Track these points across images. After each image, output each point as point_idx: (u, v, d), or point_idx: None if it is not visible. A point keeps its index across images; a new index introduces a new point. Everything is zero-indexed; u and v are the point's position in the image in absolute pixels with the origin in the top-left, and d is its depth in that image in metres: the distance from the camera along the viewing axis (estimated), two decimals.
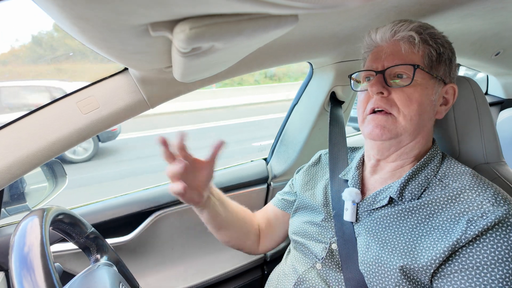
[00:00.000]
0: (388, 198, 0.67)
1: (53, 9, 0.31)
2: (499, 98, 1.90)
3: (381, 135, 0.66)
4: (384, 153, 0.71)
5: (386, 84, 0.66)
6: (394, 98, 0.65)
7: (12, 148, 0.71)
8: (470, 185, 0.61)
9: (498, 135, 0.82)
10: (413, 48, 0.65)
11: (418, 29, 0.65)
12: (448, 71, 0.69)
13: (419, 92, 0.65)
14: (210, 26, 0.34)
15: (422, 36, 0.65)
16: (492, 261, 0.53)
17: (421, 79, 0.65)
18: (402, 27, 0.66)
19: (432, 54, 0.66)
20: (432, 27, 0.68)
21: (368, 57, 0.73)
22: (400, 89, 0.65)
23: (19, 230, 0.51)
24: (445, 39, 0.69)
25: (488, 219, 0.55)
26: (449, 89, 0.70)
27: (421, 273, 0.57)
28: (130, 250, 1.10)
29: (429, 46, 0.66)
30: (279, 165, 1.32)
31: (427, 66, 0.66)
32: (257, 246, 0.96)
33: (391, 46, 0.68)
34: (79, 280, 0.62)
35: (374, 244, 0.65)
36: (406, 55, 0.66)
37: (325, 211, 0.79)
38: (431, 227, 0.60)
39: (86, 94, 0.77)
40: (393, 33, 0.67)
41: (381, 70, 0.67)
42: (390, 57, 0.67)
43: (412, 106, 0.64)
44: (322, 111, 1.20)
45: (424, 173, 0.67)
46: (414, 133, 0.67)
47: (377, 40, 0.69)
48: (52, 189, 1.08)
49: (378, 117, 0.66)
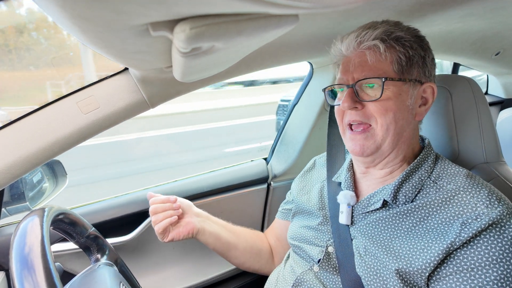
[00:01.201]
0: (382, 201, 0.67)
1: (53, 9, 0.31)
2: (499, 98, 1.90)
3: (362, 153, 0.68)
4: (369, 164, 0.72)
5: (357, 98, 0.66)
6: (369, 109, 0.65)
7: (12, 148, 0.71)
8: (464, 187, 0.61)
9: (497, 134, 0.82)
10: (379, 56, 0.64)
11: (382, 36, 0.64)
12: (423, 71, 0.67)
13: (393, 100, 0.64)
14: (210, 26, 0.34)
15: (387, 44, 0.64)
16: (486, 263, 0.53)
17: (393, 86, 0.64)
18: (366, 36, 0.64)
19: (401, 59, 0.64)
20: (399, 29, 0.65)
21: (339, 68, 0.72)
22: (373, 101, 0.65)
23: (19, 230, 0.51)
24: (413, 40, 0.66)
25: (482, 221, 0.55)
26: (427, 88, 0.68)
27: (417, 276, 0.57)
28: (131, 249, 1.10)
29: (396, 52, 0.64)
30: (279, 164, 1.32)
31: (397, 72, 0.64)
32: (272, 263, 0.98)
33: (358, 57, 0.66)
34: (79, 279, 0.62)
35: (371, 247, 0.65)
36: (373, 65, 0.64)
37: (321, 215, 0.79)
38: (426, 230, 0.60)
39: (86, 94, 0.77)
40: (358, 43, 0.65)
41: (351, 83, 0.66)
42: (358, 69, 0.66)
43: (387, 115, 0.64)
44: (322, 111, 1.20)
45: (417, 174, 0.67)
46: (394, 141, 0.67)
47: (343, 51, 0.68)
48: (52, 189, 1.08)
49: (357, 137, 0.67)
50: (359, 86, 0.66)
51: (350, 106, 0.65)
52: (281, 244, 0.97)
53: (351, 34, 0.67)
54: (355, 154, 0.69)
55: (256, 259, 0.94)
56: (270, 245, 1.00)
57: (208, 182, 1.19)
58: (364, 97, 0.66)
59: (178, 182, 1.19)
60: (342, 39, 0.68)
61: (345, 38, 0.68)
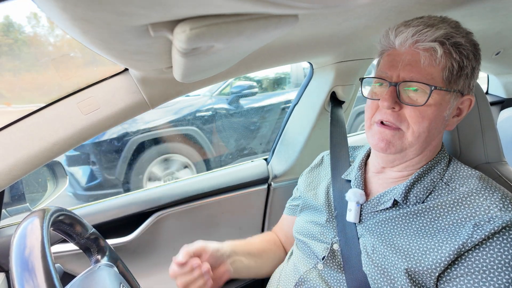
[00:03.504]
0: (393, 201, 0.66)
1: (54, 10, 0.31)
2: (499, 98, 1.90)
3: (386, 149, 0.64)
4: (389, 164, 0.71)
5: (398, 99, 0.62)
6: (405, 113, 0.62)
7: (12, 149, 0.71)
8: (477, 189, 0.60)
9: (499, 134, 0.82)
10: (433, 61, 0.60)
11: (442, 39, 0.59)
12: (468, 83, 0.64)
13: (432, 110, 0.61)
14: (211, 27, 0.34)
15: (445, 48, 0.59)
16: (498, 265, 0.52)
17: (437, 95, 0.61)
18: (425, 35, 0.59)
19: (454, 67, 0.60)
20: (459, 34, 0.60)
21: (383, 59, 0.67)
22: (413, 106, 0.61)
23: (19, 231, 0.51)
24: (471, 49, 0.61)
25: (496, 224, 0.54)
26: (466, 101, 0.65)
27: (426, 276, 0.57)
28: (131, 250, 1.10)
29: (451, 59, 0.60)
30: (280, 165, 1.32)
31: (446, 81, 0.61)
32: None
33: (409, 55, 0.62)
34: (79, 280, 0.62)
35: (379, 246, 0.64)
36: (424, 68, 0.60)
37: (328, 212, 0.79)
38: (436, 230, 0.60)
39: (87, 95, 0.77)
40: (415, 41, 0.60)
41: (395, 82, 0.62)
42: (407, 68, 0.61)
43: (422, 124, 0.61)
44: (323, 111, 1.19)
45: (430, 176, 0.66)
46: (421, 148, 0.65)
47: (395, 44, 0.63)
48: (52, 190, 1.08)
49: (385, 131, 0.64)
50: (402, 86, 0.62)
51: (389, 106, 0.61)
52: (291, 241, 0.97)
53: (409, 28, 0.61)
54: (379, 149, 0.65)
55: (277, 264, 0.94)
56: (281, 243, 0.99)
57: (208, 183, 1.19)
58: (405, 100, 0.62)
59: (179, 183, 1.19)
60: (397, 32, 0.62)
61: (401, 32, 0.62)
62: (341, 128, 0.99)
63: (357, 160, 0.82)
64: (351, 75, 1.13)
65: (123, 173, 2.02)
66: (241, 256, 0.85)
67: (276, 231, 1.02)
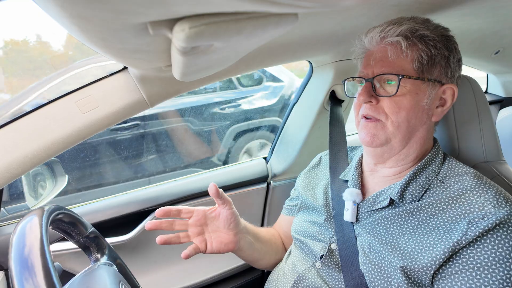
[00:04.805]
0: (389, 200, 0.67)
1: (52, 8, 0.31)
2: (498, 97, 1.90)
3: (372, 142, 0.68)
4: (379, 158, 0.72)
5: (374, 92, 0.66)
6: (382, 106, 0.66)
7: (10, 148, 0.71)
8: (472, 186, 0.61)
9: (497, 133, 0.82)
10: (400, 53, 0.64)
11: (406, 33, 0.63)
12: (445, 71, 0.66)
13: (408, 99, 0.64)
14: (210, 25, 0.33)
15: (410, 41, 0.63)
16: (493, 262, 0.53)
17: (410, 85, 0.64)
18: (390, 31, 0.64)
19: (423, 58, 0.63)
20: (425, 27, 0.65)
21: (361, 61, 0.73)
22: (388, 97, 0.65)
23: (18, 230, 0.51)
24: (438, 39, 0.65)
25: (489, 221, 0.55)
26: (447, 90, 0.67)
27: (422, 273, 0.57)
28: (130, 249, 1.10)
29: (418, 50, 0.63)
30: (279, 164, 1.32)
31: (417, 71, 0.64)
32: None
33: (379, 51, 0.67)
34: (79, 279, 0.62)
35: (376, 244, 0.65)
36: (393, 62, 0.64)
37: (326, 212, 0.79)
38: (432, 228, 0.60)
39: (85, 93, 0.77)
40: (381, 38, 0.66)
41: (370, 77, 0.67)
42: (379, 63, 0.66)
43: (400, 113, 0.64)
44: (322, 109, 1.19)
45: (425, 174, 0.67)
46: (405, 139, 0.67)
47: (365, 43, 0.69)
48: (51, 188, 1.08)
49: (368, 125, 0.68)
50: (378, 82, 0.67)
51: (365, 99, 0.66)
52: (289, 240, 0.98)
53: (376, 28, 0.66)
54: (365, 143, 0.69)
55: (275, 258, 0.94)
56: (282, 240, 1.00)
57: (207, 182, 1.19)
58: (380, 92, 0.66)
59: (177, 181, 1.20)
60: (367, 33, 0.68)
61: (370, 32, 0.67)
62: (340, 128, 0.99)
63: (354, 160, 0.82)
64: (351, 74, 1.13)
65: (226, 152, 2.92)
66: (251, 237, 0.86)
67: (275, 229, 1.03)
